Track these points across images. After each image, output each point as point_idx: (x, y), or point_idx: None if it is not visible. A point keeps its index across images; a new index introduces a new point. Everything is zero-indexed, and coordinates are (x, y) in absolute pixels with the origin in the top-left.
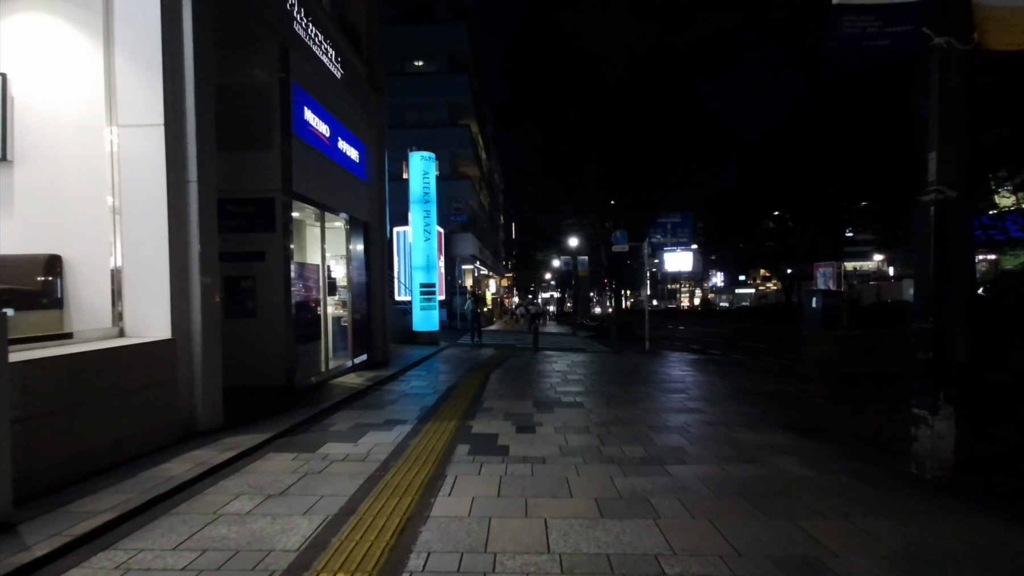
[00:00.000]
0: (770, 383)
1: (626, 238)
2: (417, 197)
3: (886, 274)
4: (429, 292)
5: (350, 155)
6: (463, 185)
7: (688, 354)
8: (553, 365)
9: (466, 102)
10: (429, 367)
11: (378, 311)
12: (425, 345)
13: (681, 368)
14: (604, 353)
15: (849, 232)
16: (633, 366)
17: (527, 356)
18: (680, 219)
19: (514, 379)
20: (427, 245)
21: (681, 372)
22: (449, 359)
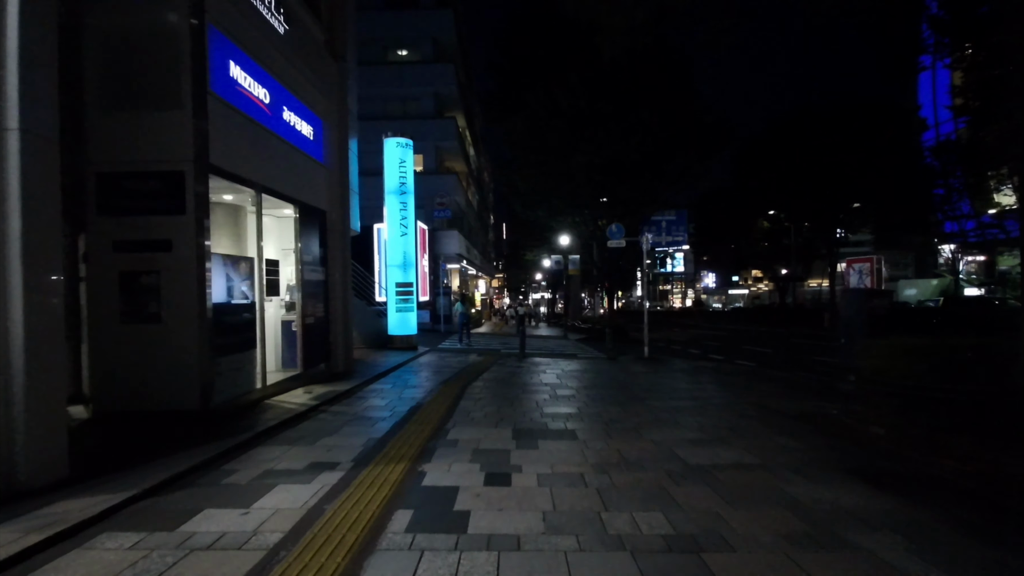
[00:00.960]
0: (800, 400)
1: (622, 232)
2: (393, 188)
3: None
4: (406, 292)
5: (301, 130)
6: (449, 180)
7: (690, 361)
8: (541, 375)
9: (452, 93)
10: (397, 378)
11: (338, 314)
12: (401, 351)
13: (688, 379)
14: (598, 360)
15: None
16: (632, 377)
17: (512, 364)
18: (675, 217)
19: (494, 395)
20: (404, 241)
21: (688, 385)
22: (423, 368)
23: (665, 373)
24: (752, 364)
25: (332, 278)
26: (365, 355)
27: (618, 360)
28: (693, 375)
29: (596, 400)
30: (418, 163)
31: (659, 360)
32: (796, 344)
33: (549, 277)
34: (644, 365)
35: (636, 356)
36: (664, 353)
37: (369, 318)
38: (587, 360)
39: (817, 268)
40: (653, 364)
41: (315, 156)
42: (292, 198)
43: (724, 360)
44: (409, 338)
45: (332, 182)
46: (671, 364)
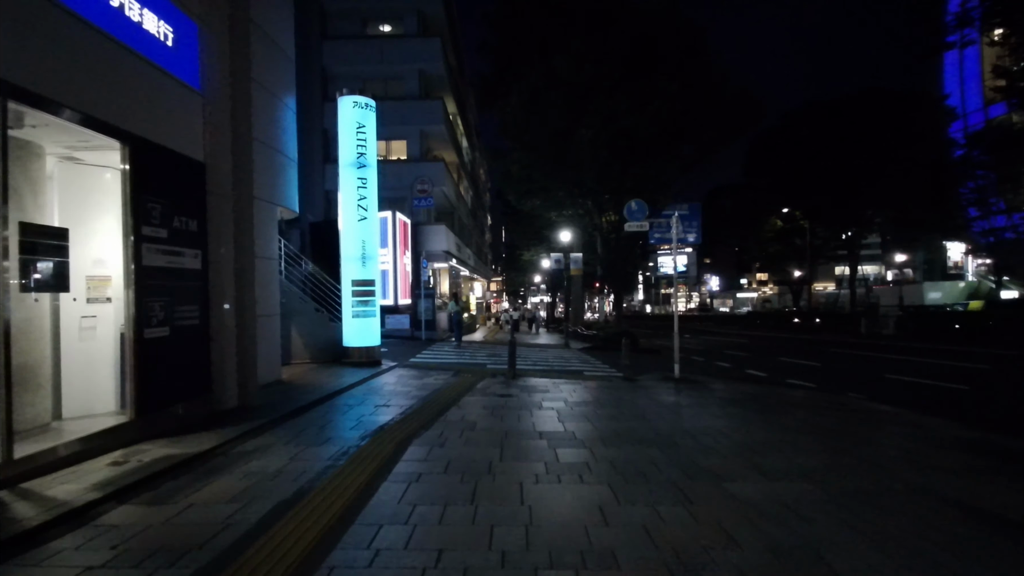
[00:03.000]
0: (997, 484)
1: (644, 210)
2: (348, 159)
3: (909, 276)
4: (365, 293)
5: (144, 25)
6: (435, 168)
7: (730, 382)
8: (536, 413)
9: (439, 72)
10: (313, 422)
11: (227, 320)
12: (358, 367)
13: (761, 423)
14: (612, 381)
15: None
16: (671, 414)
17: (498, 388)
18: (688, 211)
19: (451, 463)
20: (362, 227)
21: (770, 434)
22: (371, 397)
23: (715, 407)
24: (812, 385)
25: (217, 267)
26: (302, 374)
27: (639, 381)
28: (761, 412)
29: (633, 476)
30: (400, 150)
31: (692, 382)
32: (842, 355)
33: (548, 279)
34: (677, 390)
35: (662, 375)
36: (691, 368)
37: (318, 325)
38: (598, 381)
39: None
40: (689, 389)
41: (176, 73)
42: (116, 128)
43: (771, 380)
44: (371, 351)
45: (217, 122)
46: (711, 389)
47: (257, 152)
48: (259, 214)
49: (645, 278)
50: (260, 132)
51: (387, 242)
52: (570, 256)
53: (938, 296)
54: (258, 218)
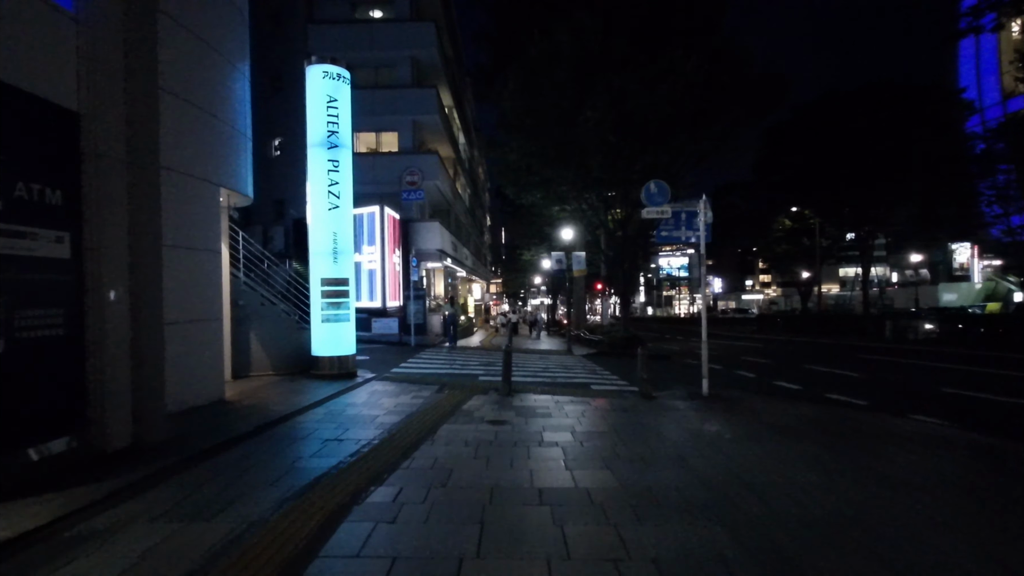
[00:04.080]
0: None
1: (665, 194)
2: (317, 138)
3: (925, 278)
4: (337, 294)
5: None
6: (428, 160)
7: (767, 398)
8: (534, 454)
9: (433, 60)
10: (227, 467)
11: (119, 326)
12: (327, 380)
13: (847, 470)
14: (627, 397)
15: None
16: (718, 453)
17: (489, 409)
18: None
19: (400, 561)
20: (334, 217)
21: (876, 495)
22: (325, 424)
23: (770, 440)
24: (862, 403)
25: (97, 255)
26: (254, 391)
27: (660, 398)
28: (836, 451)
29: None
30: (392, 143)
31: (725, 400)
32: (877, 363)
33: (549, 281)
34: (711, 413)
35: (686, 390)
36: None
37: (283, 331)
38: (611, 399)
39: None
40: (725, 412)
41: None
42: None
43: (809, 394)
44: (344, 361)
45: (103, 60)
46: (752, 410)
47: (180, 112)
48: (184, 192)
49: (647, 280)
50: (186, 88)
51: (375, 239)
52: (572, 255)
53: (953, 298)
54: (184, 198)
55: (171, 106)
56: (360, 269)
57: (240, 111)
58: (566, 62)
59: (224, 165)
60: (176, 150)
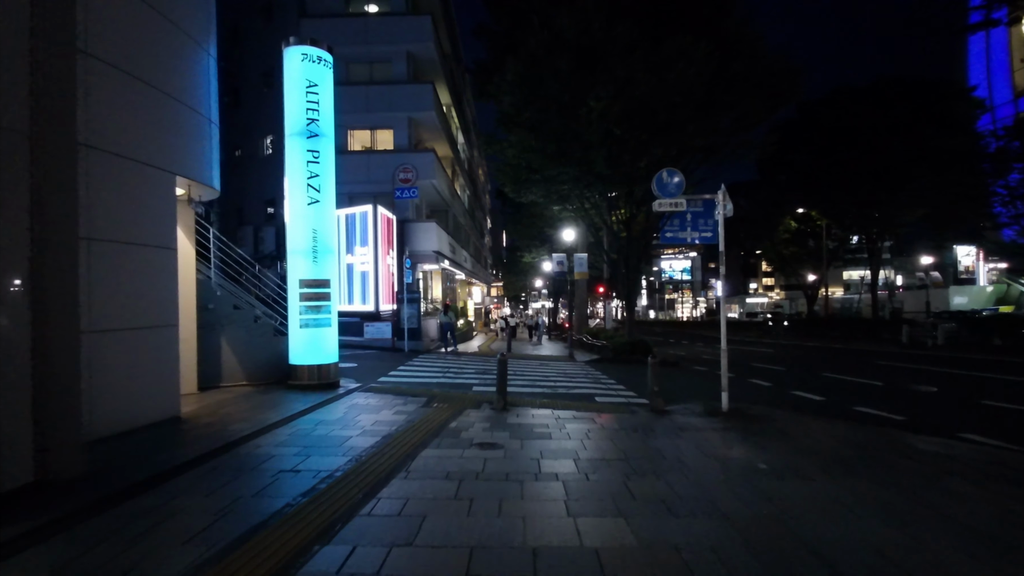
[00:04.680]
0: None
1: (680, 184)
2: (295, 126)
3: (938, 280)
4: (318, 296)
5: None
6: (424, 158)
7: (795, 412)
8: (529, 493)
9: (430, 55)
10: (137, 515)
11: (14, 334)
12: (306, 391)
13: (931, 520)
14: (637, 413)
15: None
16: (758, 495)
17: (479, 428)
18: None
19: None
20: (313, 213)
21: (990, 562)
22: (285, 449)
23: (819, 475)
24: (899, 417)
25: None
26: (218, 405)
27: (674, 415)
28: (902, 488)
29: None
30: (387, 141)
31: (750, 418)
32: (899, 371)
33: (550, 284)
34: (736, 434)
35: (703, 405)
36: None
37: (258, 337)
38: (619, 415)
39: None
40: (755, 434)
41: None
42: None
43: (834, 407)
44: (324, 370)
45: (2, 13)
46: (784, 432)
47: (122, 87)
48: (126, 178)
49: (648, 283)
50: (131, 61)
51: (367, 239)
52: (574, 257)
53: (964, 301)
54: (126, 185)
55: (109, 79)
56: (352, 271)
57: (204, 94)
58: (568, 50)
59: (182, 151)
60: (115, 130)
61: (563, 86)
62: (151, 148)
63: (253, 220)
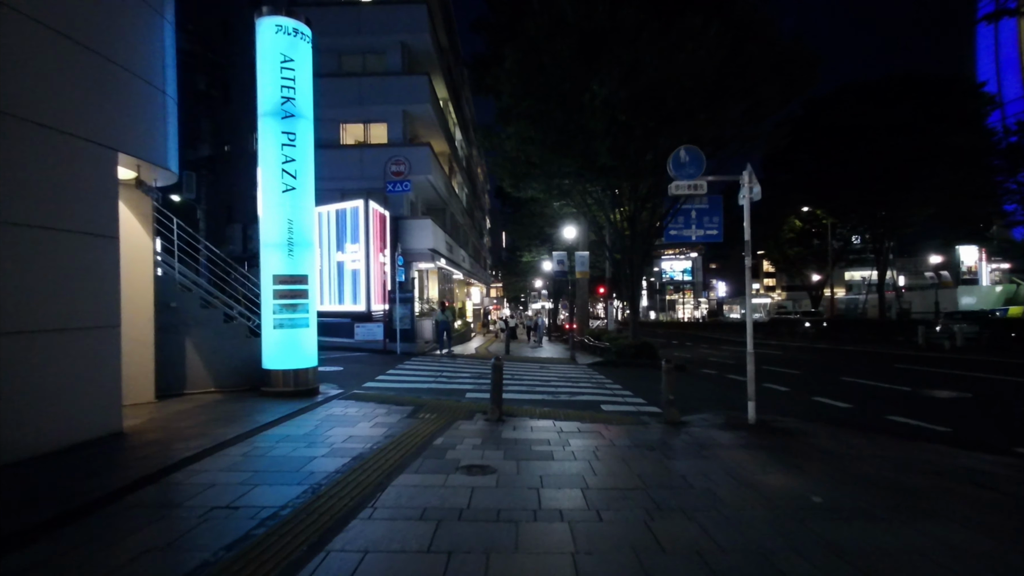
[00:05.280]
0: None
1: (699, 163)
2: (269, 106)
3: (948, 280)
4: (294, 294)
5: None
6: (419, 153)
7: (829, 426)
8: (525, 541)
9: (425, 46)
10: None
11: None
12: (280, 399)
13: None
14: (650, 425)
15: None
16: (828, 553)
17: (469, 445)
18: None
19: None
20: (289, 202)
21: None
22: (229, 477)
23: (885, 513)
24: (943, 429)
25: None
26: (173, 418)
27: (692, 427)
28: (988, 531)
29: None
30: (381, 135)
31: (781, 433)
32: (924, 376)
33: (550, 284)
34: (768, 454)
35: (725, 415)
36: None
37: (229, 339)
38: (629, 428)
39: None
40: (794, 455)
41: None
42: None
43: (865, 416)
44: (302, 375)
45: None
46: (829, 451)
47: (51, 48)
48: (53, 153)
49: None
50: (63, 20)
51: (358, 237)
52: (575, 255)
53: (972, 301)
54: (52, 160)
55: (28, 34)
56: (343, 269)
57: (158, 65)
58: (569, 34)
59: (127, 126)
60: (37, 95)
61: (564, 73)
62: (87, 120)
63: (242, 218)
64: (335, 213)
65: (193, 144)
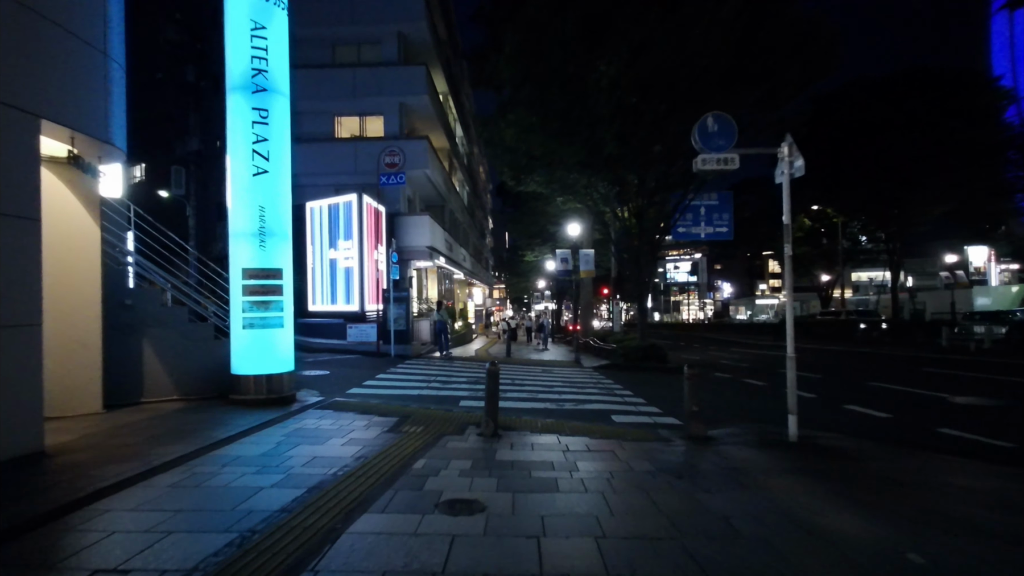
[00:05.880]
0: None
1: (730, 133)
2: (238, 79)
3: (964, 280)
4: (267, 290)
5: None
6: (416, 146)
7: (880, 443)
8: None
9: (422, 36)
10: None
11: None
12: (250, 408)
13: None
14: (672, 443)
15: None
16: None
17: (456, 471)
18: (717, 201)
19: None
20: (260, 186)
21: None
22: (143, 516)
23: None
24: (1001, 443)
25: None
26: (113, 432)
27: (722, 446)
28: None
29: None
30: (377, 128)
31: (822, 448)
32: (952, 379)
33: (553, 284)
34: (822, 483)
35: (758, 433)
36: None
37: (195, 341)
38: (645, 445)
39: None
40: (843, 479)
41: None
42: None
43: (904, 424)
44: (277, 381)
45: None
46: (882, 473)
47: None
48: None
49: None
50: None
51: (351, 232)
52: (580, 253)
53: (988, 302)
54: None
55: None
56: (335, 267)
57: (99, 23)
58: (574, 9)
59: (57, 90)
60: None
61: (567, 55)
62: (3, 79)
63: None
64: (327, 208)
65: (182, 138)
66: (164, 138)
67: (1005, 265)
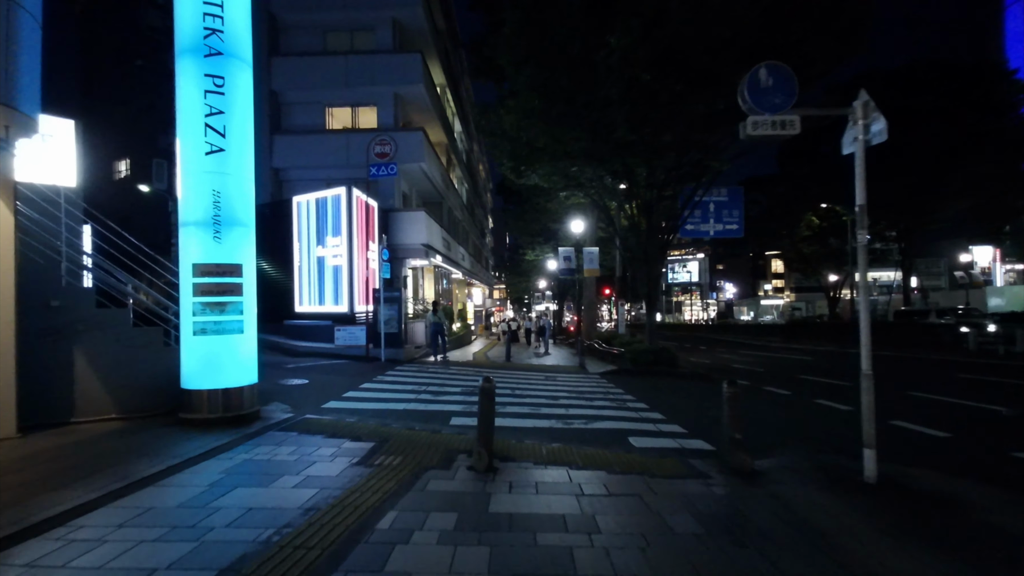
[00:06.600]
0: None
1: (789, 91)
2: (189, 40)
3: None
4: (220, 289)
5: None
6: (411, 138)
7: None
8: None
9: (417, 20)
10: None
11: None
12: (201, 430)
13: None
14: (707, 479)
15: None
16: None
17: (430, 528)
18: (727, 197)
19: None
20: (214, 167)
21: None
22: None
23: None
24: None
25: None
26: (13, 464)
27: (775, 489)
28: None
29: None
30: (370, 119)
31: (913, 493)
32: (996, 387)
33: (555, 285)
34: (940, 559)
35: (821, 467)
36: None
37: (140, 349)
38: (678, 485)
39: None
40: (975, 550)
41: None
42: None
43: (968, 446)
44: (236, 395)
45: None
46: (1015, 543)
47: None
48: None
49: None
50: None
51: (340, 229)
52: (583, 251)
53: (1001, 303)
54: None
55: None
56: (323, 266)
57: None
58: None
59: None
60: None
61: (572, 31)
62: None
63: None
64: (315, 202)
65: (165, 129)
66: (148, 130)
67: (1010, 265)
